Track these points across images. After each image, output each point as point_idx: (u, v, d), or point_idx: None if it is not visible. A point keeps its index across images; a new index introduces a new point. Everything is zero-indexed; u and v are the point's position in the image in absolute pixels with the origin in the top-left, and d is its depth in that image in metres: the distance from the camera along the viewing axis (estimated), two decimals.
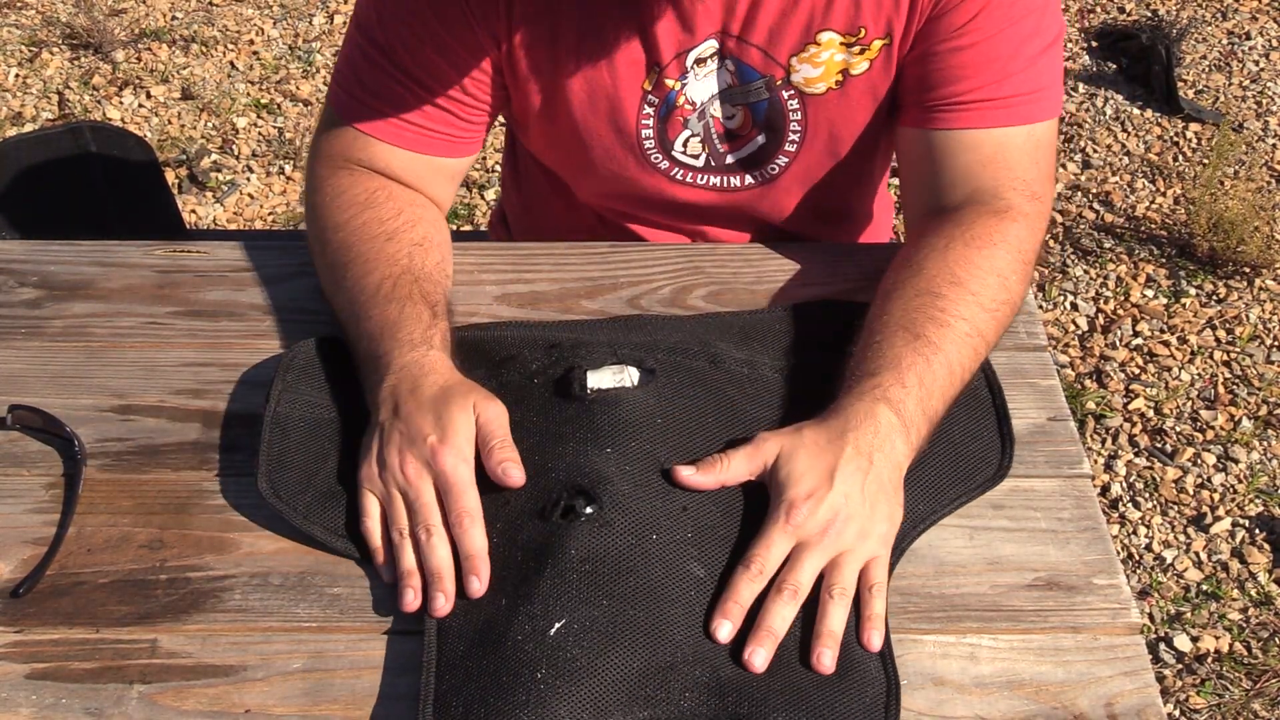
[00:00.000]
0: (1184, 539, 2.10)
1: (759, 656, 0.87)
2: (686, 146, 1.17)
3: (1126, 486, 2.17)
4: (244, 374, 1.10)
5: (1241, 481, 2.18)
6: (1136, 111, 2.95)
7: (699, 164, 1.19)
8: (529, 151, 1.29)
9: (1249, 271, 2.54)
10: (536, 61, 1.12)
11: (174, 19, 3.21)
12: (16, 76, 3.03)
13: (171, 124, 2.91)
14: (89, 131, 1.76)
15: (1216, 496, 2.16)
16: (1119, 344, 2.41)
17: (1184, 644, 1.93)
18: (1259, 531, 2.10)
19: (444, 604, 0.90)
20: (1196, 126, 2.90)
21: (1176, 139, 2.88)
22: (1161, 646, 1.93)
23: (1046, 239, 1.84)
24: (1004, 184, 1.09)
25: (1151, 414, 2.29)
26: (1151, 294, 2.51)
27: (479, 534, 0.92)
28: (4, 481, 1.02)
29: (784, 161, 1.18)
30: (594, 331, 1.11)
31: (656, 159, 1.17)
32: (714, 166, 1.19)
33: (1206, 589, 2.02)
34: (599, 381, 1.01)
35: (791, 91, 1.12)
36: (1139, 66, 3.03)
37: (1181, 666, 1.91)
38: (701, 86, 1.13)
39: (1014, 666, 0.90)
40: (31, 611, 0.92)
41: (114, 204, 1.77)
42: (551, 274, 1.20)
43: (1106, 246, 2.61)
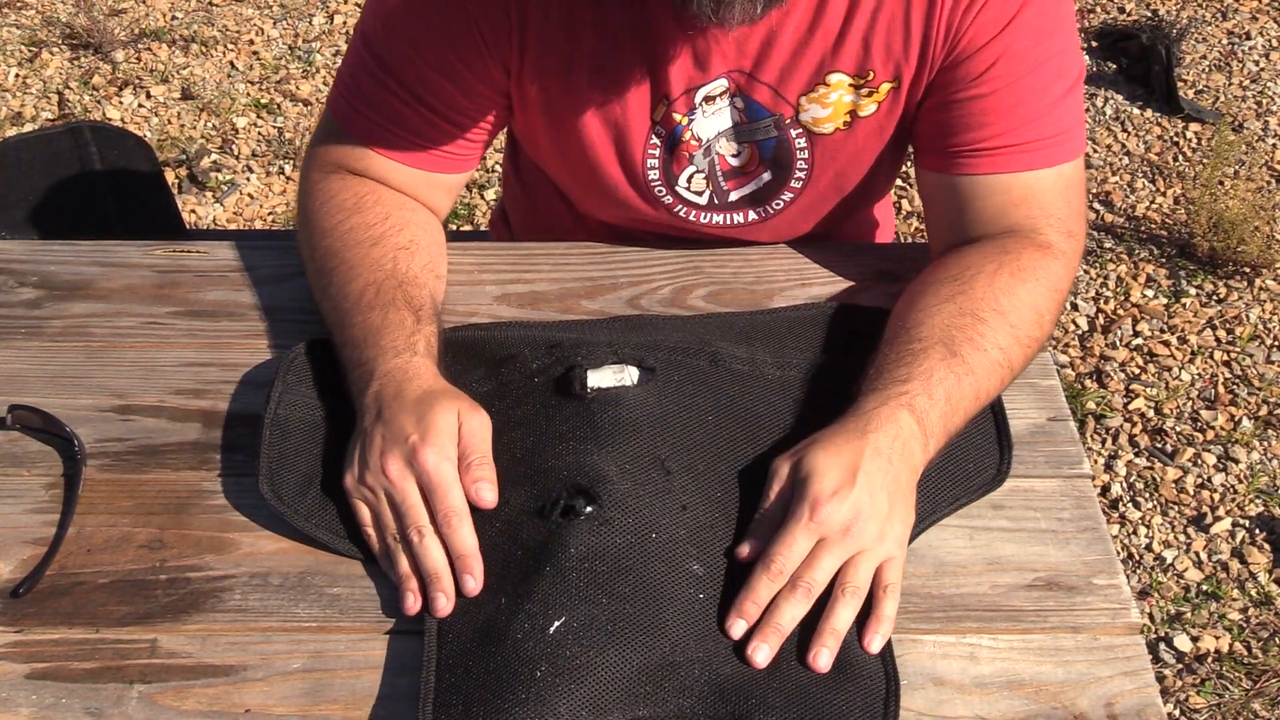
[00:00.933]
0: (1184, 539, 2.10)
1: (762, 653, 0.87)
2: (690, 183, 1.17)
3: (1126, 486, 2.17)
4: (244, 374, 1.10)
5: (1242, 481, 2.17)
6: (1136, 111, 2.95)
7: (702, 201, 1.19)
8: (535, 163, 1.28)
9: (1249, 271, 2.54)
10: (548, 91, 1.11)
11: (174, 19, 3.21)
12: (16, 76, 3.03)
13: (171, 124, 2.91)
14: (89, 131, 1.75)
15: (1217, 496, 2.16)
16: (1119, 344, 2.41)
17: (1184, 644, 1.93)
18: (1259, 531, 2.10)
19: (444, 604, 0.90)
20: (1196, 126, 2.90)
21: (1176, 139, 2.88)
22: (1161, 646, 1.93)
23: None
24: (1040, 221, 1.09)
25: (1151, 414, 2.29)
26: (1151, 294, 2.51)
27: (467, 532, 0.92)
28: (4, 481, 1.02)
29: (788, 198, 1.18)
30: (594, 331, 1.11)
31: (660, 192, 1.17)
32: (717, 205, 1.19)
33: (1206, 589, 2.02)
34: (599, 380, 1.01)
35: (800, 130, 1.13)
36: (1139, 66, 3.03)
37: (1181, 666, 1.91)
38: (709, 124, 1.13)
39: (1014, 666, 0.90)
40: (31, 611, 0.92)
41: (114, 204, 1.77)
42: (551, 274, 1.20)
43: (1106, 246, 2.61)
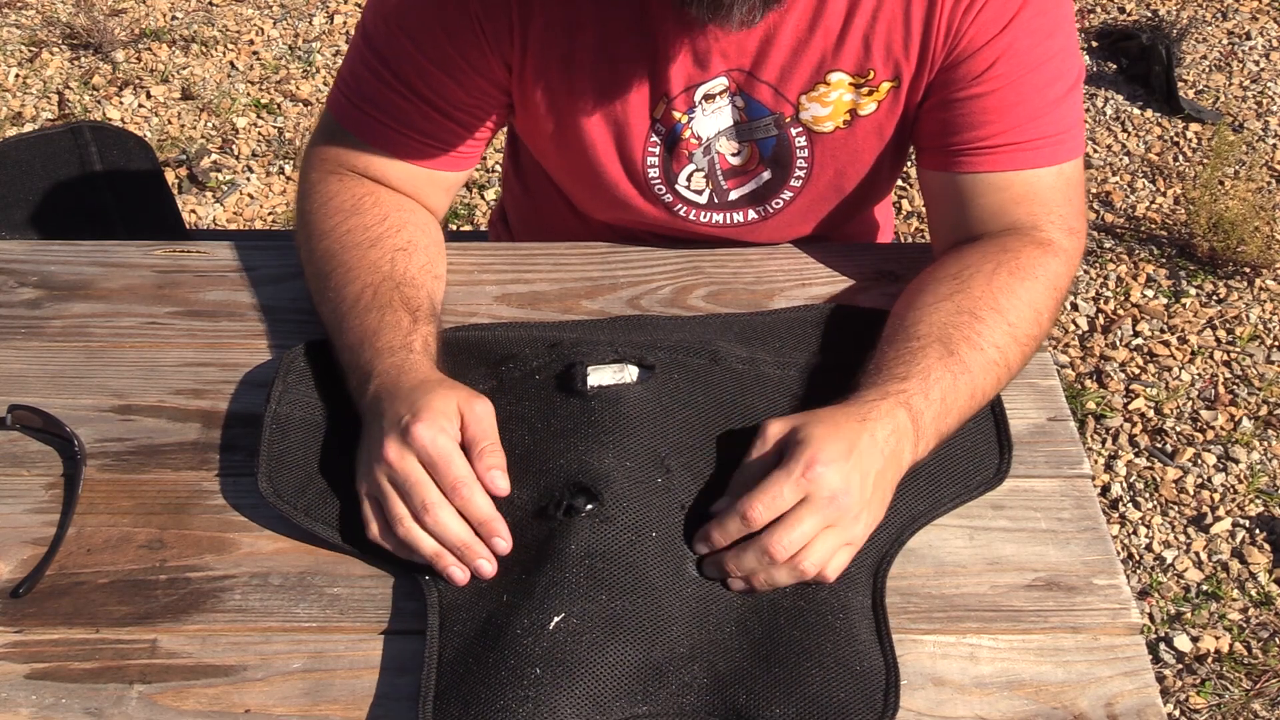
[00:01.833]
0: (1184, 539, 2.10)
1: (702, 571, 0.92)
2: (690, 181, 1.17)
3: (1126, 486, 2.17)
4: (244, 374, 1.10)
5: (1241, 482, 2.17)
6: (1136, 111, 2.95)
7: (702, 200, 1.19)
8: (536, 161, 1.28)
9: (1249, 271, 2.54)
10: (551, 88, 1.11)
11: (174, 19, 3.21)
12: (16, 76, 3.03)
13: (171, 124, 2.91)
14: (89, 131, 1.75)
15: (1217, 496, 2.16)
16: (1119, 344, 2.41)
17: (1184, 644, 1.93)
18: (1259, 531, 2.10)
19: (488, 568, 0.90)
20: (1196, 126, 2.90)
21: (1176, 139, 2.88)
22: (1161, 646, 1.93)
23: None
24: (1041, 219, 1.10)
25: (1151, 414, 2.29)
26: (1151, 294, 2.51)
27: (480, 498, 0.91)
28: (4, 481, 1.02)
29: (788, 196, 1.19)
30: (595, 331, 1.11)
31: (660, 191, 1.18)
32: (716, 204, 1.19)
33: (1206, 589, 2.02)
34: (599, 379, 1.01)
35: (800, 129, 1.13)
36: (1139, 66, 3.03)
37: (1181, 666, 1.91)
38: (709, 122, 1.13)
39: (1014, 666, 0.90)
40: (31, 611, 0.92)
41: (114, 204, 1.77)
42: (551, 274, 1.20)
43: (1106, 246, 2.61)
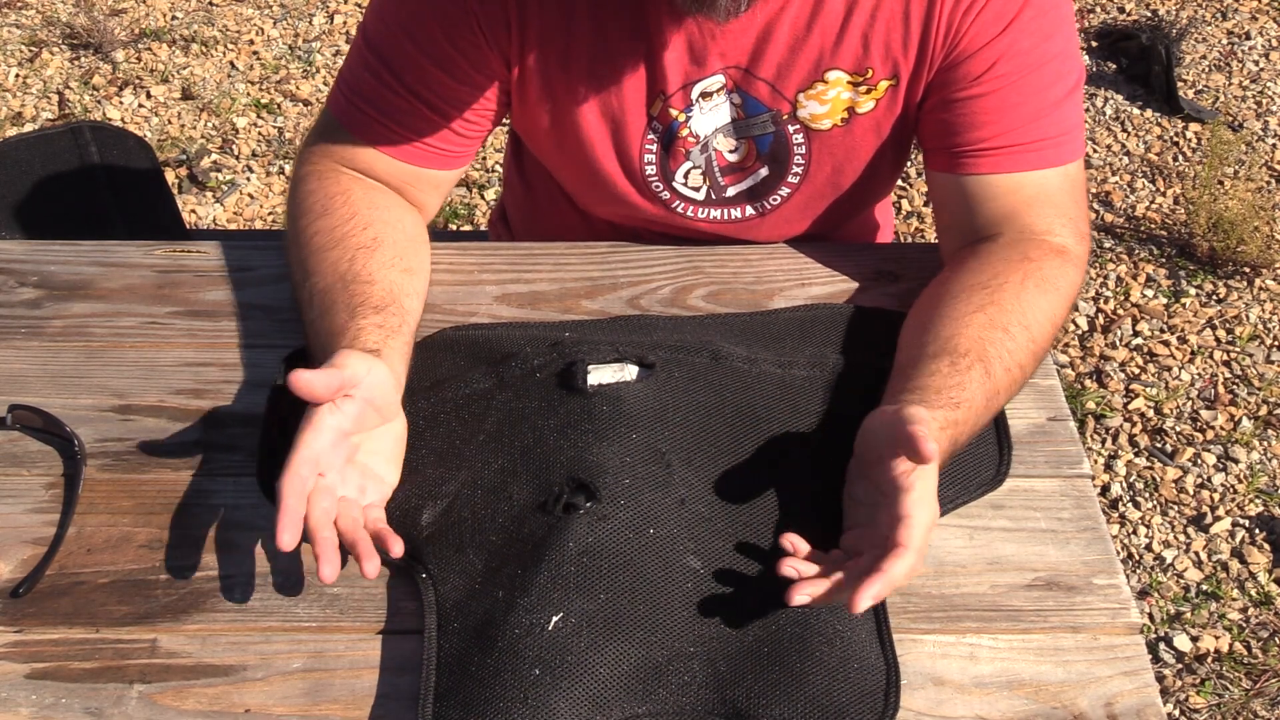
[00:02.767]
0: (1184, 539, 2.10)
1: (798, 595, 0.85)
2: (688, 178, 1.17)
3: (1126, 486, 2.17)
4: (244, 374, 1.10)
5: (1241, 481, 2.18)
6: (1136, 111, 2.95)
7: (699, 197, 1.19)
8: (538, 162, 1.28)
9: (1249, 271, 2.54)
10: (549, 84, 1.11)
11: (174, 19, 3.21)
12: (16, 76, 3.02)
13: (171, 124, 2.91)
14: (89, 131, 1.75)
15: (1216, 496, 2.16)
16: (1119, 344, 2.41)
17: (1184, 644, 1.93)
18: (1259, 531, 2.10)
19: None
20: (1196, 126, 2.90)
21: (1176, 139, 2.88)
22: (1161, 646, 1.93)
23: None
24: (1055, 222, 1.10)
25: (1151, 414, 2.29)
26: (1151, 294, 2.51)
27: (285, 481, 0.88)
28: (4, 481, 1.02)
29: (785, 193, 1.19)
30: (595, 331, 1.11)
31: (658, 188, 1.18)
32: (714, 200, 1.19)
33: (1206, 589, 2.02)
34: (600, 377, 1.01)
35: (797, 126, 1.13)
36: (1139, 66, 3.03)
37: (1181, 666, 1.91)
38: (706, 120, 1.13)
39: (1014, 666, 0.90)
40: (31, 611, 0.92)
41: (114, 204, 1.77)
42: (551, 274, 1.20)
43: (1106, 246, 2.61)
